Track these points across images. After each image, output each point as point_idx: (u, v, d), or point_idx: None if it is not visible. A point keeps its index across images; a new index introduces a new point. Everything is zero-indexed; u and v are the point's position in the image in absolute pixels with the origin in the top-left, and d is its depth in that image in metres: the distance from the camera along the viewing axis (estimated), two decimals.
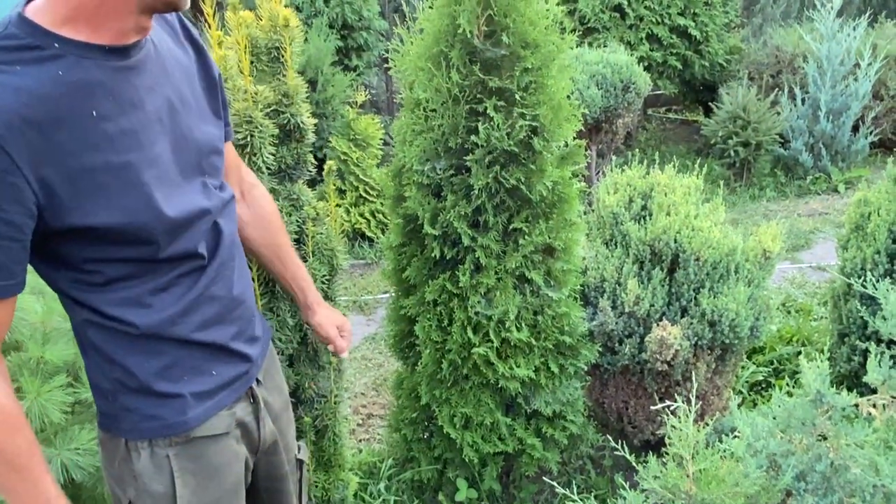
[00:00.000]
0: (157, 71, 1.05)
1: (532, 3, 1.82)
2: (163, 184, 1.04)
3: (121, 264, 1.04)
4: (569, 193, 2.02)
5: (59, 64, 0.93)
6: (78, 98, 0.94)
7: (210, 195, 1.13)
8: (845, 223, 2.65)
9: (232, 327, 1.20)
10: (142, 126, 1.01)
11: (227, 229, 1.17)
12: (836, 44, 5.04)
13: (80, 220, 0.97)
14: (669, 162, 6.08)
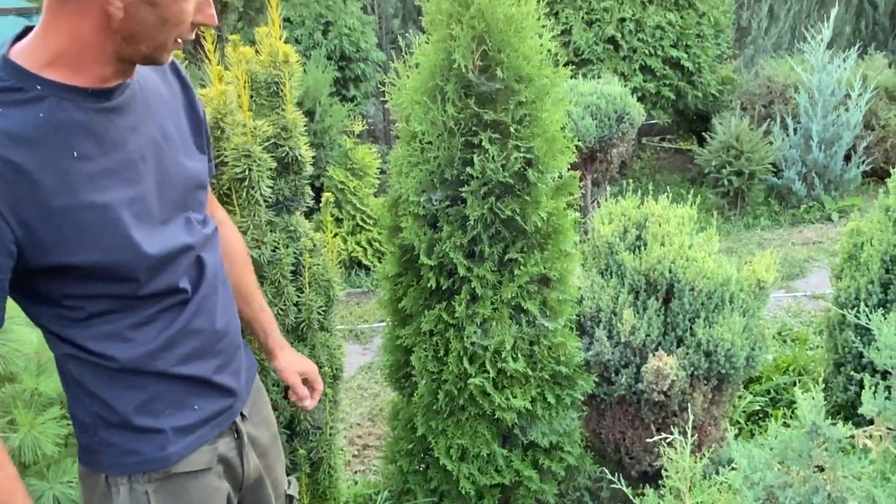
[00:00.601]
0: (142, 110, 1.06)
1: (526, 39, 1.85)
2: (144, 222, 1.04)
3: (102, 300, 1.04)
4: (563, 224, 2.04)
5: (40, 106, 0.94)
6: (59, 139, 0.95)
7: (192, 231, 1.13)
8: (838, 253, 2.67)
9: (215, 360, 1.19)
10: (123, 165, 1.02)
11: (210, 262, 1.17)
12: (826, 75, 5.12)
13: (60, 258, 0.97)
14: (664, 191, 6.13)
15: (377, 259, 4.56)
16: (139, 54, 1.00)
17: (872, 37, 7.02)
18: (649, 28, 5.43)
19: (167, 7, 0.96)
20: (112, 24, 0.95)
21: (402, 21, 6.49)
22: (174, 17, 0.97)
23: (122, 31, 0.96)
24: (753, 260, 2.39)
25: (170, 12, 0.97)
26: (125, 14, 0.94)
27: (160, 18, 0.97)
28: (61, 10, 0.94)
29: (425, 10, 1.88)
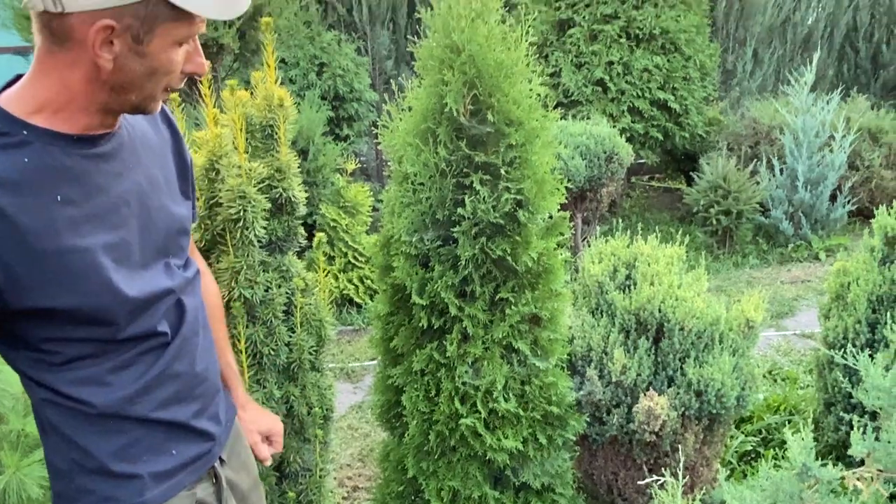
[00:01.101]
0: (128, 156, 1.07)
1: (516, 84, 1.90)
2: (124, 266, 1.04)
3: (80, 344, 1.03)
4: (554, 264, 2.06)
5: (26, 151, 0.95)
6: (43, 183, 0.95)
7: (173, 275, 1.13)
8: (826, 292, 2.70)
9: (194, 405, 1.18)
10: (106, 211, 1.02)
11: (190, 305, 1.17)
12: (810, 117, 5.23)
13: (40, 302, 0.97)
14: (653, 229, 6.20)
15: (369, 297, 4.56)
16: (128, 104, 1.01)
17: (854, 80, 7.20)
18: (637, 71, 5.55)
19: (156, 57, 0.97)
20: (101, 75, 0.96)
21: (395, 62, 6.60)
22: (163, 67, 0.98)
23: (112, 82, 0.97)
24: (742, 299, 2.41)
25: (158, 62, 0.97)
26: (114, 65, 0.95)
27: (149, 69, 0.97)
28: (51, 60, 0.95)
29: (418, 56, 1.92)
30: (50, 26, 0.93)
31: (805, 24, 7.04)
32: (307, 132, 4.64)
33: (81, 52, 0.94)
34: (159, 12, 0.93)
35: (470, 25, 1.80)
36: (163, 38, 0.96)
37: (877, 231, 2.51)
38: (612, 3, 5.51)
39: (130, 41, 0.94)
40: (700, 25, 5.88)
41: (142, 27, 0.94)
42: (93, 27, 0.91)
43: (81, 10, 0.90)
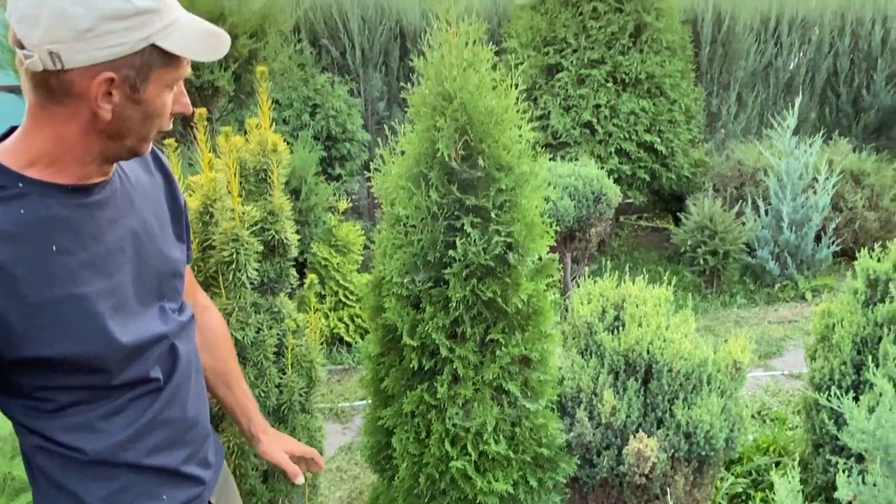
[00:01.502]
0: (123, 203, 1.09)
1: (506, 130, 1.95)
2: (119, 312, 1.05)
3: (73, 391, 1.04)
4: (543, 305, 2.08)
5: (21, 202, 0.96)
6: (38, 234, 0.97)
7: (167, 319, 1.14)
8: (812, 333, 2.73)
9: (184, 450, 1.18)
10: (101, 258, 1.04)
11: (184, 350, 1.18)
12: (793, 159, 5.34)
13: (34, 351, 0.98)
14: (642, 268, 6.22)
15: (359, 335, 4.55)
16: (123, 149, 1.03)
17: (836, 123, 7.36)
18: (623, 114, 5.67)
19: (151, 102, 1.00)
20: (98, 125, 0.98)
21: (387, 104, 6.71)
22: (157, 110, 1.02)
23: (108, 131, 1.00)
24: (729, 340, 2.43)
25: (153, 107, 1.01)
26: (113, 115, 0.98)
27: (144, 114, 1.01)
28: (46, 115, 0.98)
29: (411, 103, 1.97)
30: (48, 84, 0.95)
31: (787, 69, 7.23)
32: (300, 172, 4.69)
33: (79, 105, 0.96)
34: (153, 60, 0.97)
35: (461, 74, 1.85)
36: (156, 84, 1.00)
37: (859, 273, 2.56)
38: (599, 49, 5.65)
39: (128, 90, 0.97)
40: (685, 70, 6.03)
41: (138, 76, 0.97)
42: (94, 81, 0.94)
43: (81, 65, 0.93)
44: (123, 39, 0.94)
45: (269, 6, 4.11)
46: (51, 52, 0.91)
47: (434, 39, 1.91)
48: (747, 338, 2.52)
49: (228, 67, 3.96)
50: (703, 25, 6.76)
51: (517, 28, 5.97)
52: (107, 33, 0.93)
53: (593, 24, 5.65)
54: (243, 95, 4.54)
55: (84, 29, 0.92)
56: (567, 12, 5.72)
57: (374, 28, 6.48)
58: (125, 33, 0.94)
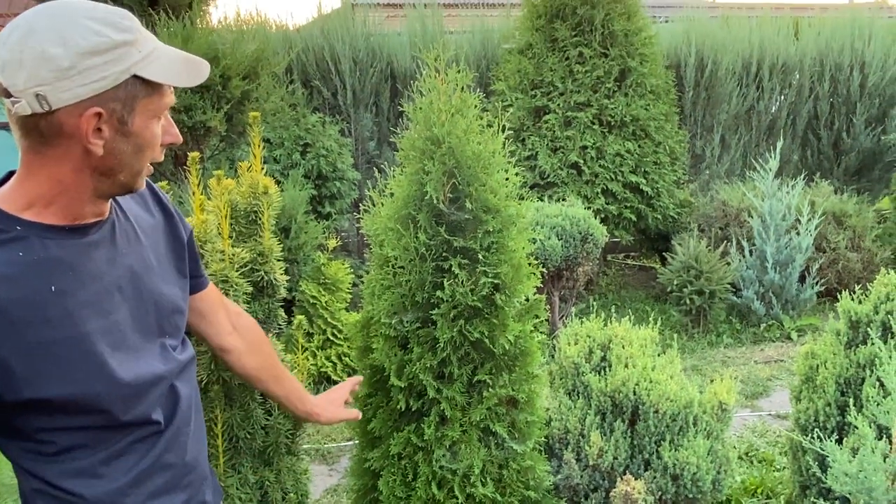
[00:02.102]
0: (121, 241, 1.10)
1: (493, 174, 1.99)
2: (119, 350, 1.06)
3: (74, 433, 1.04)
4: (530, 346, 2.09)
5: (20, 245, 0.98)
6: (37, 275, 0.99)
7: (167, 358, 1.15)
8: (796, 374, 2.75)
9: (183, 494, 1.18)
10: (100, 297, 1.05)
11: (184, 392, 1.18)
12: (776, 201, 5.43)
13: (34, 393, 0.98)
14: (630, 307, 6.25)
15: (346, 374, 4.52)
16: (117, 185, 1.05)
17: (818, 165, 7.51)
18: (609, 155, 5.77)
19: (140, 134, 1.02)
20: (91, 162, 1.00)
21: (377, 143, 6.80)
22: (147, 142, 1.04)
23: (101, 167, 1.01)
24: (715, 381, 2.45)
25: (143, 138, 1.03)
26: (105, 150, 1.00)
27: (135, 146, 1.03)
28: (38, 159, 1.00)
29: (400, 146, 2.01)
30: (38, 127, 0.97)
31: (769, 112, 7.41)
32: (290, 210, 4.71)
33: (70, 144, 0.98)
34: (136, 91, 1.00)
35: (450, 120, 1.90)
36: (143, 115, 1.02)
37: (841, 315, 2.59)
38: (585, 92, 5.77)
39: (117, 124, 1.00)
40: (669, 113, 6.16)
41: (124, 108, 0.99)
42: (82, 118, 0.97)
43: (66, 104, 0.95)
44: (105, 73, 0.96)
45: (262, 49, 4.19)
46: (37, 94, 0.93)
47: (423, 85, 1.96)
48: (734, 378, 2.54)
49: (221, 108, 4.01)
50: (686, 70, 6.94)
51: (505, 71, 6.10)
52: (88, 69, 0.95)
53: (579, 68, 5.79)
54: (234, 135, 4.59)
55: (65, 67, 0.94)
56: (554, 57, 5.86)
57: (366, 70, 6.61)
58: (105, 67, 0.96)
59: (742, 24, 7.34)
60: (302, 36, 6.59)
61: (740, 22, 7.36)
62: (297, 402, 1.57)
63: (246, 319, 1.47)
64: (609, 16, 5.80)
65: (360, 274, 6.23)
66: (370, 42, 6.69)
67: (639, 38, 5.93)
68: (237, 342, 1.42)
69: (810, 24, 7.65)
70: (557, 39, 5.87)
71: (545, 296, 2.22)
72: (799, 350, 2.86)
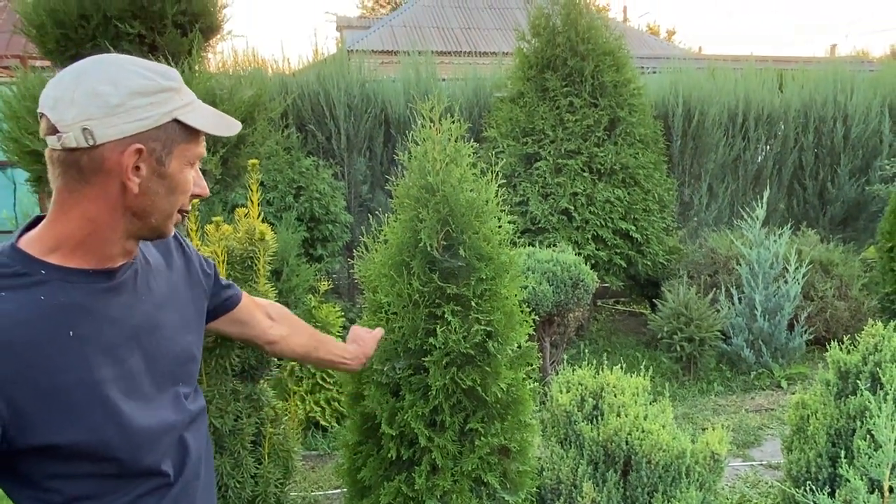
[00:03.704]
0: (141, 287, 1.13)
1: (486, 221, 2.01)
2: (131, 397, 1.06)
3: (82, 481, 1.03)
4: (523, 394, 2.09)
5: (42, 289, 1.00)
6: (56, 319, 1.00)
7: (179, 408, 1.15)
8: (788, 424, 2.75)
9: None
10: (116, 343, 1.06)
11: (194, 446, 1.18)
12: (764, 249, 5.50)
13: (46, 438, 0.98)
14: (620, 353, 6.22)
15: (335, 420, 4.47)
16: (148, 227, 1.09)
17: (804, 214, 7.63)
18: (599, 202, 5.84)
19: (174, 177, 1.08)
20: (126, 201, 1.04)
21: (371, 187, 6.85)
22: (180, 186, 1.09)
23: (135, 207, 1.05)
24: (707, 431, 2.44)
25: (176, 181, 1.08)
26: (140, 189, 1.04)
27: (169, 188, 1.08)
28: (73, 198, 1.03)
29: (395, 194, 2.04)
30: (78, 163, 1.01)
31: (755, 161, 7.55)
32: (282, 253, 4.72)
33: (108, 181, 1.03)
34: (175, 135, 1.07)
35: (444, 169, 1.93)
36: (179, 159, 1.08)
37: (831, 365, 2.60)
38: (575, 141, 5.88)
39: (154, 163, 1.05)
40: (657, 162, 6.27)
41: (163, 149, 1.06)
42: (124, 154, 1.02)
43: (111, 139, 1.01)
44: (150, 113, 1.03)
45: (259, 94, 4.26)
46: (84, 128, 0.99)
47: (418, 134, 2.00)
48: (725, 427, 2.53)
49: (217, 152, 4.05)
50: (674, 120, 7.09)
51: (497, 119, 6.21)
52: (134, 108, 1.02)
53: (570, 117, 5.90)
54: (229, 178, 4.62)
55: (115, 104, 1.00)
56: (545, 106, 5.98)
57: (360, 115, 6.71)
58: (151, 108, 1.03)
59: (728, 75, 7.53)
60: (298, 81, 6.71)
61: (726, 73, 7.56)
62: (339, 360, 1.72)
63: (276, 307, 1.58)
64: (598, 67, 5.95)
65: (350, 317, 6.20)
66: (365, 88, 6.81)
67: (627, 90, 6.07)
68: (280, 330, 1.55)
69: (794, 76, 7.86)
70: (548, 89, 6.00)
71: (536, 343, 2.23)
72: (789, 399, 2.87)
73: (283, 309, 1.61)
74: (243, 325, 1.47)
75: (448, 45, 15.09)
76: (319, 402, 4.51)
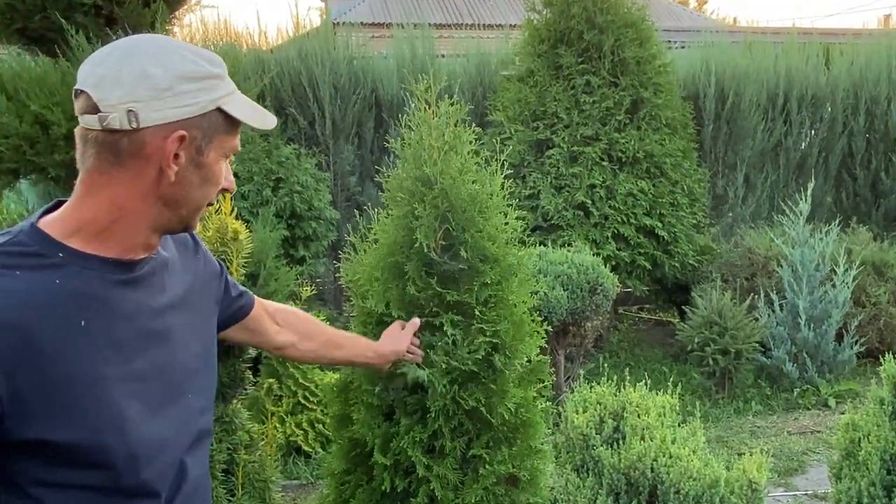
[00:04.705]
0: (157, 286, 1.18)
1: (491, 218, 2.01)
2: (135, 401, 1.10)
3: (67, 493, 1.05)
4: (533, 416, 2.08)
5: (58, 272, 1.05)
6: (69, 307, 1.05)
7: (186, 422, 1.19)
8: (836, 448, 2.75)
9: None
10: (126, 341, 1.11)
11: (193, 472, 1.21)
12: (808, 248, 5.49)
13: (42, 433, 1.02)
14: (644, 367, 6.21)
15: (320, 445, 4.46)
16: (177, 218, 1.15)
17: (854, 209, 7.60)
18: (621, 195, 5.84)
19: (210, 168, 1.15)
20: (159, 189, 1.10)
21: (359, 179, 6.86)
22: (214, 177, 1.16)
23: (166, 196, 1.12)
24: (744, 457, 2.44)
25: (211, 173, 1.15)
26: (176, 177, 1.10)
27: (202, 179, 1.14)
28: (103, 180, 1.08)
29: (386, 187, 2.03)
30: (117, 145, 1.07)
31: (798, 148, 7.54)
32: (258, 254, 4.70)
33: (145, 167, 1.09)
34: (217, 124, 1.14)
35: (443, 158, 1.93)
36: (216, 150, 1.15)
37: (885, 381, 2.60)
38: (593, 125, 5.88)
39: (194, 153, 1.12)
40: (686, 149, 6.27)
41: (204, 138, 1.12)
42: (168, 140, 1.08)
43: (154, 123, 1.07)
44: (196, 99, 1.10)
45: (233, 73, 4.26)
46: (129, 110, 1.05)
47: (413, 119, 1.99)
48: (764, 452, 2.53)
49: None
50: (706, 101, 7.08)
51: (504, 101, 6.21)
52: (182, 93, 1.09)
53: (586, 98, 5.90)
54: None
55: (163, 88, 1.07)
56: (558, 85, 5.98)
57: (347, 97, 6.71)
58: (197, 94, 1.10)
59: (766, 50, 7.52)
60: (277, 58, 6.71)
61: (764, 48, 7.55)
62: (361, 359, 1.82)
63: (283, 312, 1.66)
64: (619, 41, 5.95)
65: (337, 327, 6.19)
66: (353, 66, 6.81)
67: (652, 67, 6.07)
68: (288, 337, 1.64)
69: (842, 51, 7.85)
70: (562, 66, 6.00)
71: (549, 356, 2.23)
72: (838, 420, 2.87)
73: (295, 316, 1.69)
74: (252, 332, 1.56)
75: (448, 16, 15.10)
76: (301, 424, 4.50)
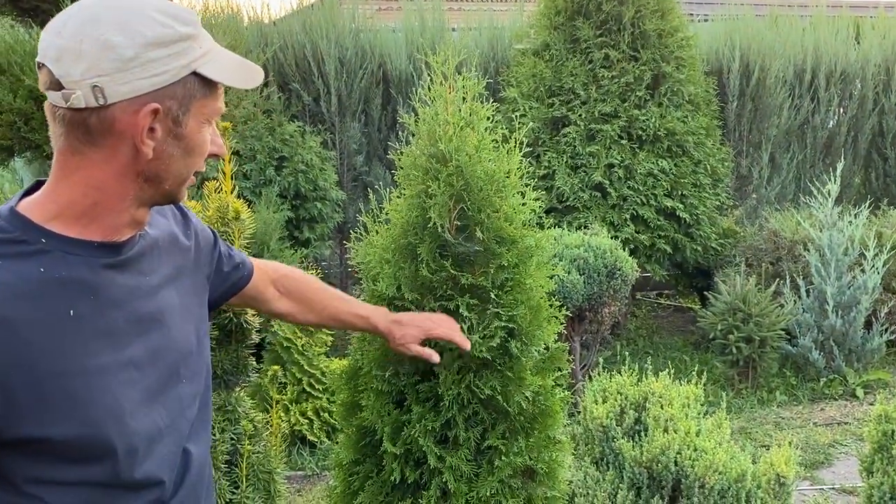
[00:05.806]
0: (147, 267, 1.16)
1: (508, 198, 1.97)
2: (132, 391, 1.09)
3: (67, 490, 1.04)
4: (551, 405, 2.06)
5: (42, 260, 1.02)
6: (56, 296, 1.02)
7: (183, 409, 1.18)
8: (867, 440, 2.72)
9: None
10: (117, 328, 1.08)
11: (196, 458, 1.20)
12: (837, 232, 5.44)
13: (36, 429, 1.00)
14: (664, 355, 6.18)
15: (325, 434, 4.47)
16: (160, 193, 1.11)
17: (885, 190, 7.54)
18: (640, 175, 5.78)
19: (191, 138, 1.10)
20: (138, 165, 1.06)
21: (367, 158, 6.81)
22: (197, 147, 1.11)
23: (147, 172, 1.08)
24: (772, 450, 2.41)
25: (193, 142, 1.11)
26: (154, 153, 1.06)
27: (185, 151, 1.10)
28: (76, 161, 1.04)
29: (399, 165, 2.00)
30: (86, 124, 1.02)
31: (826, 127, 7.46)
32: (261, 236, 4.70)
33: (118, 145, 1.04)
34: (194, 90, 1.08)
35: (458, 134, 1.89)
36: (196, 118, 1.10)
37: None
38: (612, 102, 5.81)
39: (171, 124, 1.07)
40: (710, 128, 6.20)
41: (180, 107, 1.07)
42: (138, 114, 1.03)
43: (124, 98, 1.02)
44: (167, 67, 1.04)
45: (234, 46, 4.23)
46: (94, 86, 1.00)
47: (427, 94, 1.96)
48: (791, 444, 2.51)
49: None
50: (730, 77, 7.01)
51: (518, 76, 6.15)
52: (150, 61, 1.03)
53: (605, 73, 5.84)
54: None
55: (128, 58, 1.01)
56: (575, 60, 5.91)
57: (354, 72, 6.66)
58: (168, 60, 1.04)
59: (793, 24, 7.43)
60: (280, 31, 6.66)
61: (791, 22, 7.46)
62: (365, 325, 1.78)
63: (287, 279, 1.63)
64: (640, 13, 5.87)
65: None
66: (360, 39, 6.75)
67: (674, 40, 5.99)
68: (288, 307, 1.62)
69: (873, 25, 7.75)
70: (579, 40, 5.93)
71: (566, 343, 2.20)
72: (867, 411, 2.83)
73: (294, 280, 1.66)
74: (250, 299, 1.56)
75: None
76: (307, 412, 4.51)
